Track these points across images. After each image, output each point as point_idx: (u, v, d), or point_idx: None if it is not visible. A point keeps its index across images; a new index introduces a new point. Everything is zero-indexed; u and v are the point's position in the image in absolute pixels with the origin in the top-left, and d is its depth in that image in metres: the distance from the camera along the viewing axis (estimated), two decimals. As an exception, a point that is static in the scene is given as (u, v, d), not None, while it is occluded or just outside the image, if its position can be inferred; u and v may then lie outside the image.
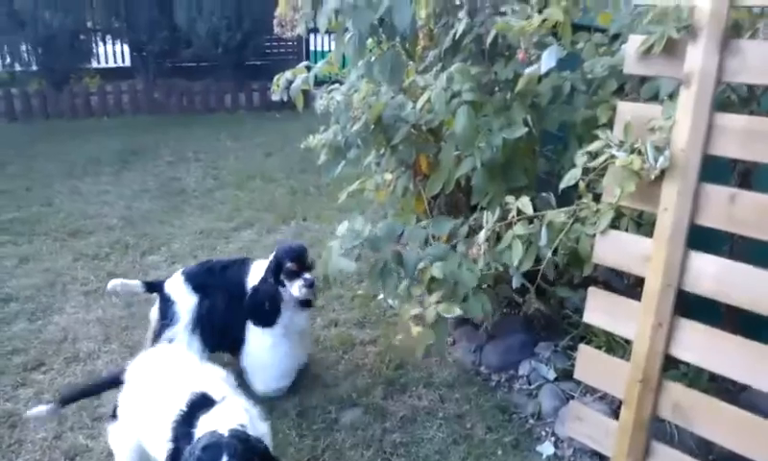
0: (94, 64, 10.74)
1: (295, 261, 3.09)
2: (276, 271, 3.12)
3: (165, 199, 6.13)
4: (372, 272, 3.14)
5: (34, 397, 3.18)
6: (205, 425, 2.02)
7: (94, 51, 10.70)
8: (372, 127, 3.05)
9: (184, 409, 2.13)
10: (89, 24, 10.60)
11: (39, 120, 9.15)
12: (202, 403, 2.14)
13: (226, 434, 1.90)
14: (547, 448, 2.83)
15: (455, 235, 2.93)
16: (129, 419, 2.41)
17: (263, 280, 3.14)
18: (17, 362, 3.47)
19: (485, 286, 2.88)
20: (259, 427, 2.14)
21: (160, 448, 2.18)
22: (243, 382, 3.28)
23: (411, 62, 3.31)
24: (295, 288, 3.09)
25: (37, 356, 3.53)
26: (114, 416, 2.51)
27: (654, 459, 2.39)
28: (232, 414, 2.06)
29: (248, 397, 2.34)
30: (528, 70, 2.60)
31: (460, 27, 2.86)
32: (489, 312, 2.84)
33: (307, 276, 3.11)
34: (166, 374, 2.38)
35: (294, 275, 3.10)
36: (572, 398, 2.96)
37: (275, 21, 3.20)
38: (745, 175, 2.53)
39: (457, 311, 2.66)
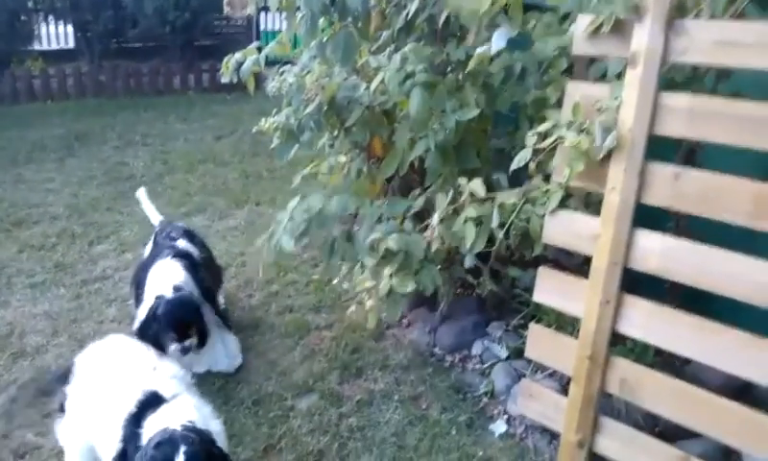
0: (36, 47, 10.36)
1: (173, 331, 2.96)
2: (156, 323, 2.97)
3: (112, 185, 5.97)
4: (323, 250, 3.14)
5: (-22, 394, 3.08)
6: (153, 425, 1.96)
7: (36, 32, 10.32)
8: (326, 108, 3.01)
9: (134, 409, 2.07)
10: (31, 4, 10.22)
11: (-22, 106, 8.81)
12: (152, 402, 2.08)
13: (179, 428, 1.85)
14: (500, 427, 2.87)
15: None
16: (77, 414, 2.34)
17: (148, 321, 3.01)
18: (-40, 358, 3.35)
19: (438, 267, 2.90)
20: (212, 425, 2.09)
21: (109, 447, 2.12)
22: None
23: (364, 43, 3.28)
24: (171, 349, 2.98)
25: (-18, 352, 3.42)
26: (62, 410, 2.45)
27: (602, 433, 2.45)
28: (181, 412, 2.00)
29: (202, 394, 2.30)
30: (479, 50, 2.60)
31: (412, 7, 2.85)
32: (439, 285, 2.86)
33: (186, 344, 2.97)
34: (116, 369, 2.31)
35: (174, 340, 2.98)
36: (524, 376, 3.01)
37: (224, 0, 3.13)
38: (690, 153, 2.59)
39: (410, 285, 2.68)
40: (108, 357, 2.41)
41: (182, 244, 3.48)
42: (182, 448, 1.77)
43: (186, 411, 2.01)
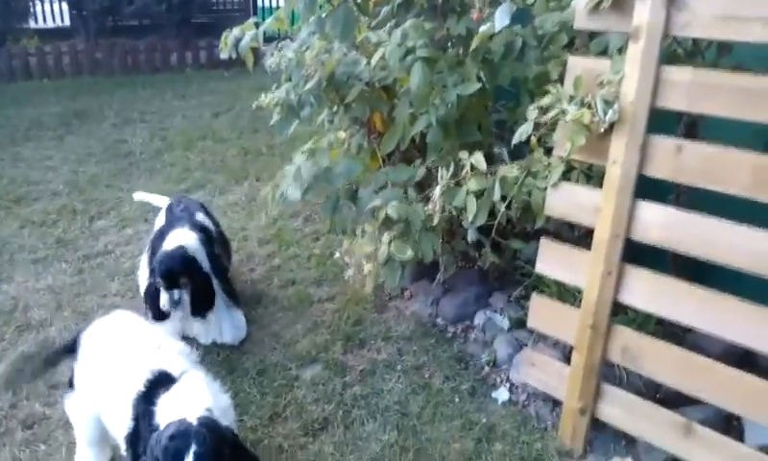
0: (32, 25, 10.28)
1: (162, 278, 3.04)
2: (152, 276, 3.10)
3: (112, 162, 5.97)
4: (325, 206, 3.18)
5: (-14, 366, 3.12)
6: (167, 406, 1.97)
7: (32, 10, 10.24)
8: (325, 84, 3.03)
9: (143, 389, 2.08)
10: (25, -19, 10.14)
11: (-26, 83, 8.76)
12: (162, 381, 2.08)
13: (194, 422, 1.85)
14: (502, 394, 2.92)
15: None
16: (86, 390, 2.36)
17: (150, 277, 3.14)
18: (-34, 332, 3.38)
19: (440, 240, 2.94)
20: (221, 401, 2.10)
21: (119, 425, 2.14)
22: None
23: (363, 18, 3.28)
24: (162, 299, 3.07)
25: (-12, 326, 3.45)
26: (71, 385, 2.47)
27: (604, 401, 2.50)
28: (196, 395, 2.01)
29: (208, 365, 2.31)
30: (483, 28, 2.61)
31: (412, -19, 2.85)
32: (439, 253, 2.90)
33: (174, 293, 3.05)
34: (123, 346, 2.31)
35: (164, 287, 3.07)
36: (525, 345, 3.05)
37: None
38: (691, 126, 2.62)
39: (409, 252, 2.72)
40: (113, 334, 2.41)
41: (200, 217, 3.55)
42: (193, 448, 1.79)
43: (200, 394, 2.01)
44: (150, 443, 1.86)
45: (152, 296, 3.16)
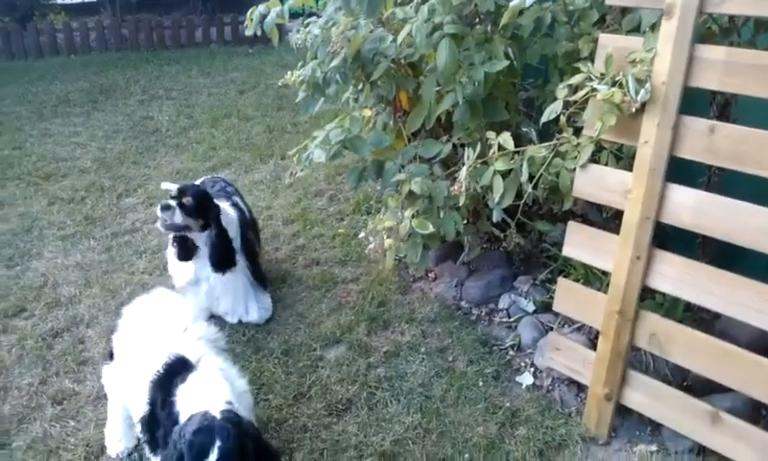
0: (59, 0, 10.34)
1: (177, 190, 3.11)
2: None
3: (138, 139, 6.01)
4: (351, 174, 3.16)
5: (17, 343, 3.17)
6: (188, 396, 1.97)
7: (58, -15, 10.31)
8: (351, 61, 2.99)
9: (160, 371, 2.09)
10: (51, -44, 10.19)
11: (4, 60, 8.85)
12: (178, 366, 2.09)
13: (218, 417, 1.85)
14: (527, 379, 2.90)
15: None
16: (121, 364, 2.38)
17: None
18: (-2, 308, 3.45)
19: (465, 221, 2.91)
20: (238, 386, 2.12)
21: (136, 406, 2.16)
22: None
23: (390, -7, 3.24)
24: (160, 212, 3.07)
25: (18, 302, 3.50)
26: (111, 357, 2.48)
27: (630, 387, 2.47)
28: (216, 386, 2.01)
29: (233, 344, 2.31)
30: (513, 3, 2.55)
31: (440, -44, 2.78)
32: (461, 232, 2.88)
33: (171, 202, 3.05)
34: (152, 324, 2.33)
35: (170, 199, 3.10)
36: (551, 329, 3.02)
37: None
38: (724, 107, 2.54)
39: (430, 227, 2.70)
40: (147, 312, 2.43)
41: (237, 199, 3.60)
42: (217, 444, 1.79)
43: (219, 384, 2.01)
44: (173, 436, 1.87)
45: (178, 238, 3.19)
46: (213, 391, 1.98)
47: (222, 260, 3.17)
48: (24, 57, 8.95)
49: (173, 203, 3.03)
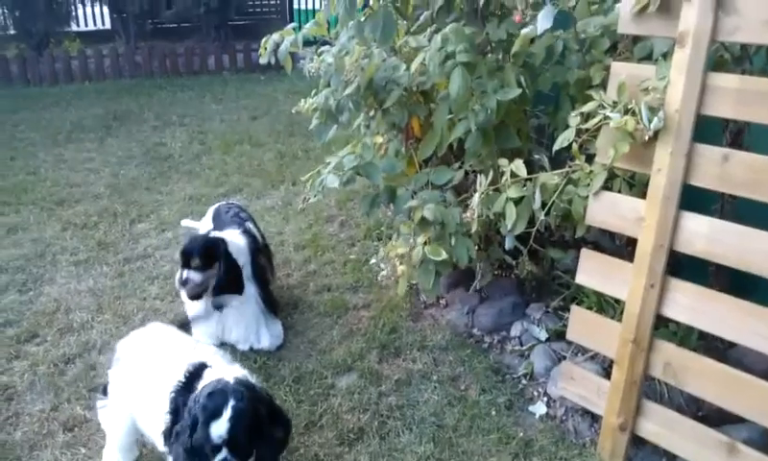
0: (74, 28, 10.52)
1: (181, 255, 3.12)
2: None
3: (151, 165, 6.06)
4: (364, 201, 3.17)
5: (29, 369, 3.17)
6: (205, 380, 2.01)
7: (73, 14, 10.46)
8: (364, 89, 3.02)
9: (183, 380, 2.11)
10: (67, -15, 10.37)
11: (20, 86, 8.98)
12: (200, 370, 2.12)
13: (232, 381, 1.88)
14: (540, 408, 2.87)
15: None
16: (120, 397, 2.40)
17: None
18: (10, 334, 3.45)
19: (477, 247, 2.90)
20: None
21: (156, 423, 2.16)
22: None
23: (402, 22, 3.27)
24: (176, 277, 3.15)
25: (30, 328, 3.51)
26: (105, 393, 2.51)
27: (645, 417, 2.44)
28: (230, 369, 2.05)
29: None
30: (524, 31, 2.57)
31: (452, -14, 2.82)
32: (474, 258, 2.88)
33: (184, 272, 3.09)
34: (159, 350, 2.36)
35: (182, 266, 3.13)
36: (564, 358, 3.00)
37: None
38: (737, 134, 2.54)
39: (443, 254, 2.70)
40: (149, 342, 2.45)
41: (250, 225, 3.62)
42: (231, 403, 1.79)
43: (233, 367, 2.06)
44: (188, 405, 1.88)
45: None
46: (229, 371, 2.01)
47: (226, 288, 3.19)
48: (39, 83, 9.09)
49: (186, 274, 3.08)
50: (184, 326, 3.01)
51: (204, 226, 3.75)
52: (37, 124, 7.24)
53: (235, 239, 3.31)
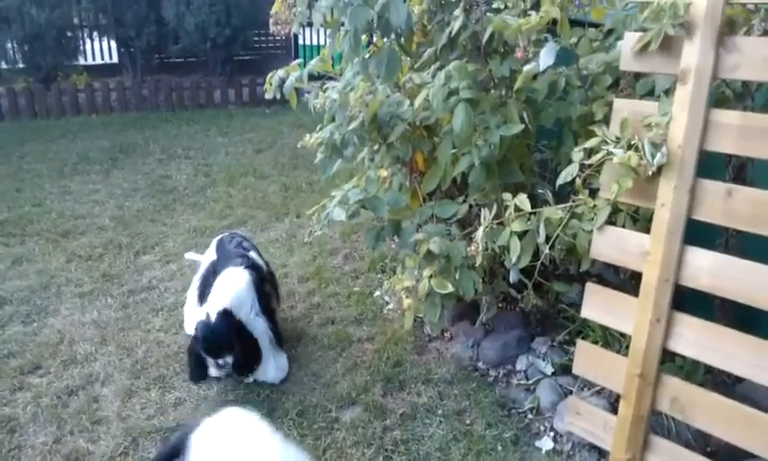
0: (81, 61, 10.65)
1: (208, 352, 3.12)
2: (197, 344, 3.14)
3: (156, 197, 6.10)
4: (369, 235, 3.18)
5: (32, 400, 3.17)
6: None
7: (81, 48, 10.61)
8: (368, 124, 3.05)
9: None
10: (76, 20, 10.51)
11: (27, 119, 9.06)
12: None
13: None
14: (546, 443, 2.85)
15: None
16: None
17: (193, 340, 3.20)
18: (14, 365, 3.45)
19: (481, 280, 2.91)
20: None
21: None
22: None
23: (406, 59, 3.32)
24: (211, 367, 3.19)
25: (34, 359, 3.51)
26: None
27: (652, 452, 2.41)
28: None
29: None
30: (527, 68, 2.61)
31: (456, 24, 2.86)
32: (480, 291, 2.89)
33: (220, 362, 3.14)
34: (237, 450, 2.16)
35: (209, 360, 3.16)
36: (570, 392, 2.99)
37: (270, 20, 3.21)
38: (740, 169, 2.56)
39: (449, 287, 2.71)
40: (223, 436, 2.24)
41: (252, 255, 3.63)
42: None
43: None
44: None
45: (195, 358, 3.19)
46: None
47: (247, 368, 3.25)
48: (47, 116, 9.17)
49: (221, 362, 3.14)
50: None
51: (207, 258, 3.76)
52: (44, 156, 7.30)
53: (240, 286, 3.27)
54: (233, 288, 3.24)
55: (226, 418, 2.31)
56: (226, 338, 3.10)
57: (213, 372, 3.24)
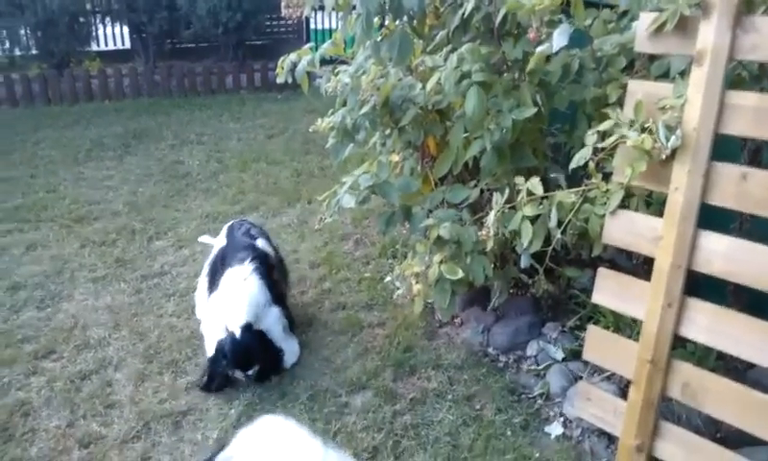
0: (94, 47, 10.68)
1: (236, 367, 3.16)
2: (225, 358, 3.16)
3: (169, 183, 6.11)
4: (380, 219, 3.18)
5: (46, 385, 3.20)
6: None
7: (94, 33, 10.63)
8: (380, 108, 3.04)
9: None
10: (88, 6, 10.54)
11: (41, 105, 9.11)
12: None
13: None
14: (556, 429, 2.84)
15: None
16: None
17: (217, 354, 3.20)
18: (28, 350, 3.48)
19: (492, 265, 2.90)
20: None
21: None
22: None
23: (419, 41, 3.29)
24: (239, 376, 3.21)
25: (48, 344, 3.54)
26: None
27: (662, 438, 2.40)
28: None
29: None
30: (540, 49, 2.57)
31: (468, 6, 2.83)
32: (490, 276, 2.88)
33: (249, 373, 3.17)
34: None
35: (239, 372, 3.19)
36: (580, 378, 2.97)
37: (282, 3, 3.18)
38: (755, 153, 2.52)
39: (459, 273, 2.70)
40: (264, 446, 2.14)
41: (261, 244, 3.63)
42: None
43: None
44: None
45: (219, 373, 3.19)
46: None
47: (268, 374, 3.25)
48: (60, 102, 9.21)
49: (251, 372, 3.17)
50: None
51: (219, 243, 3.77)
52: (58, 142, 7.34)
53: (251, 290, 3.28)
54: (247, 297, 3.25)
55: (265, 426, 2.26)
56: (255, 351, 3.14)
57: (244, 380, 3.23)
